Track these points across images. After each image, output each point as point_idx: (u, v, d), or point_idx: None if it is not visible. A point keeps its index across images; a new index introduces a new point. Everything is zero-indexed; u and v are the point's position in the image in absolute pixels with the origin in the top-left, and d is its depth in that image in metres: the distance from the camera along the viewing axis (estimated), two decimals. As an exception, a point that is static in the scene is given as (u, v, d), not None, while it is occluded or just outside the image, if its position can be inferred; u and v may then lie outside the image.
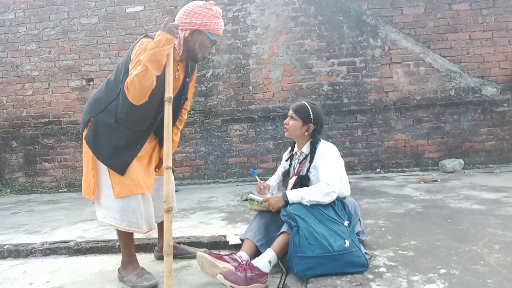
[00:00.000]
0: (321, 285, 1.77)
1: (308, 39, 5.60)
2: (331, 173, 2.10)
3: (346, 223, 2.03)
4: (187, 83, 2.20)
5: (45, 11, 6.04)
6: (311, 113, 2.24)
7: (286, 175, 2.39)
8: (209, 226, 3.16)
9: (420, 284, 1.79)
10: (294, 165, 2.35)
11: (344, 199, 2.21)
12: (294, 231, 1.95)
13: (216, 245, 2.57)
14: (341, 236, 1.93)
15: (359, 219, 2.28)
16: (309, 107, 2.26)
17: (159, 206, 2.16)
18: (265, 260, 1.93)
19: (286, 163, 2.44)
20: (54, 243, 2.76)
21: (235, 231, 2.80)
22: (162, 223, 2.06)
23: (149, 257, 2.49)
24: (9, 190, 6.00)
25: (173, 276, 1.85)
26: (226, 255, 2.00)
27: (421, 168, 5.39)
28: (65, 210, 4.35)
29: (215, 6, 2.01)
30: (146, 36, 1.99)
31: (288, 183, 2.33)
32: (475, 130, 5.39)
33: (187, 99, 2.28)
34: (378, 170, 5.47)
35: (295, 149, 2.38)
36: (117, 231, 2.11)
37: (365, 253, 2.01)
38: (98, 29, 5.96)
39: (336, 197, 2.08)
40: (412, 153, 5.49)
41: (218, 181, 5.68)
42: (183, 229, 3.12)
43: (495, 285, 1.73)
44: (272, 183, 2.47)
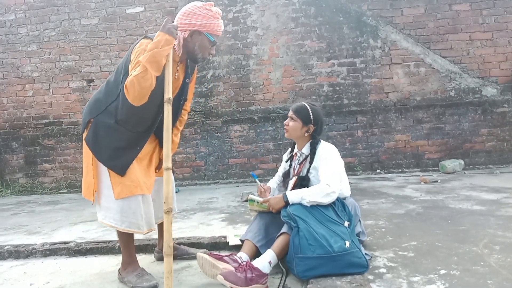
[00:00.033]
0: (321, 286, 1.77)
1: (308, 40, 5.61)
2: (331, 173, 2.10)
3: (346, 223, 2.03)
4: (187, 83, 2.21)
5: (45, 12, 6.05)
6: (311, 114, 2.25)
7: (286, 176, 2.39)
8: (209, 227, 3.16)
9: (420, 285, 1.79)
10: (294, 166, 2.35)
11: (344, 199, 2.21)
12: (294, 232, 1.95)
13: (216, 246, 2.57)
14: (341, 237, 1.93)
15: (359, 220, 2.28)
16: (309, 108, 2.26)
17: (159, 207, 2.16)
18: (265, 261, 1.93)
19: (286, 164, 2.44)
20: (54, 244, 2.76)
21: (235, 232, 2.80)
22: (162, 224, 2.06)
23: (149, 258, 2.50)
24: (9, 191, 6.01)
25: (173, 277, 1.86)
26: (226, 256, 2.00)
27: (421, 168, 5.39)
28: (65, 211, 4.36)
29: (214, 7, 2.01)
30: (145, 37, 1.99)
31: (288, 183, 2.33)
32: (475, 131, 5.39)
33: (186, 99, 2.28)
34: (378, 170, 5.47)
35: (295, 150, 2.38)
36: (117, 232, 2.11)
37: (365, 254, 2.01)
38: (99, 30, 5.96)
39: (336, 197, 2.09)
40: (412, 153, 5.49)
41: (218, 182, 5.68)
42: (183, 230, 3.12)
43: (495, 286, 1.73)
44: (273, 185, 2.47)
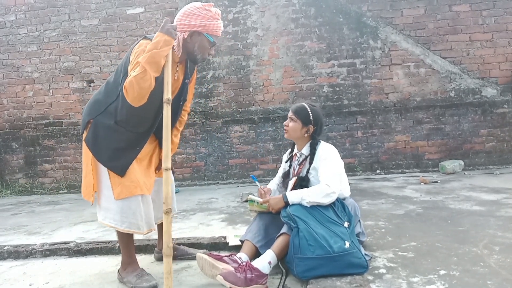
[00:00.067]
0: (321, 286, 1.77)
1: (308, 40, 5.61)
2: (331, 174, 2.10)
3: (346, 224, 2.03)
4: (187, 84, 2.21)
5: (46, 13, 6.05)
6: (310, 115, 2.25)
7: (286, 176, 2.39)
8: (209, 227, 3.16)
9: (420, 285, 1.79)
10: (294, 167, 2.35)
11: (344, 200, 2.22)
12: (294, 232, 1.95)
13: (216, 246, 2.57)
14: (341, 237, 1.93)
15: (359, 220, 2.28)
16: (308, 109, 2.26)
17: (159, 208, 2.16)
18: (265, 261, 1.93)
19: (286, 165, 2.44)
20: (54, 244, 2.76)
21: (235, 232, 2.80)
22: (162, 224, 2.06)
23: (149, 258, 2.50)
24: (9, 191, 6.00)
25: (173, 277, 1.86)
26: (226, 256, 2.00)
27: (421, 169, 5.39)
28: (65, 211, 4.36)
29: (214, 7, 2.01)
30: (145, 37, 1.99)
31: (288, 184, 2.33)
32: (475, 132, 5.39)
33: (186, 100, 2.28)
34: (378, 171, 5.47)
35: (295, 150, 2.39)
36: (117, 232, 2.11)
37: (365, 254, 2.01)
38: (99, 30, 5.97)
39: (336, 198, 2.09)
40: (412, 154, 5.49)
41: (218, 182, 5.68)
42: (183, 230, 3.12)
43: (495, 287, 1.73)
44: (273, 187, 2.46)
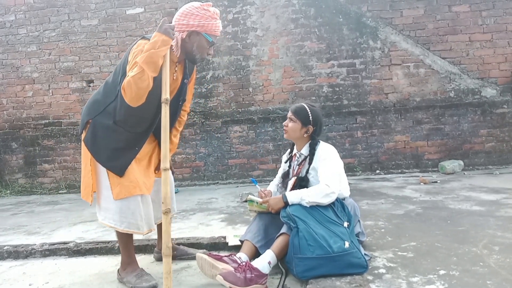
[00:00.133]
0: (321, 286, 1.77)
1: (308, 40, 5.61)
2: (330, 174, 2.10)
3: (345, 224, 2.03)
4: (185, 84, 2.20)
5: (45, 13, 6.05)
6: (310, 115, 2.25)
7: (286, 177, 2.39)
8: (209, 227, 3.16)
9: (419, 285, 1.79)
10: (293, 167, 2.35)
11: (344, 200, 2.21)
12: (293, 232, 1.95)
13: (216, 246, 2.57)
14: (340, 237, 1.93)
15: (359, 220, 2.28)
16: (308, 109, 2.26)
17: (159, 208, 2.15)
18: (265, 261, 1.93)
19: (285, 165, 2.44)
20: (53, 244, 2.76)
21: (234, 232, 2.80)
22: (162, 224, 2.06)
23: (149, 258, 2.50)
24: (9, 191, 6.00)
25: (173, 277, 1.86)
26: (225, 256, 2.00)
27: (421, 169, 5.39)
28: (64, 211, 4.35)
29: (212, 7, 2.01)
30: (143, 37, 1.99)
31: (288, 184, 2.33)
32: (474, 132, 5.40)
33: (185, 100, 2.27)
34: (378, 171, 5.47)
35: (294, 150, 2.38)
36: (116, 232, 2.11)
37: (365, 254, 2.01)
38: (99, 31, 5.97)
39: (335, 198, 2.09)
40: (411, 154, 5.50)
41: (218, 182, 5.68)
42: (182, 230, 3.12)
43: (494, 286, 1.73)
44: (273, 188, 2.46)
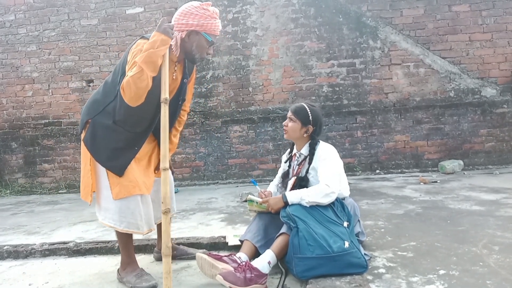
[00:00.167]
0: (320, 286, 1.77)
1: (308, 40, 5.61)
2: (330, 174, 2.10)
3: (345, 224, 2.03)
4: (185, 84, 2.20)
5: (45, 13, 6.05)
6: (310, 115, 2.25)
7: (285, 176, 2.38)
8: (209, 227, 3.16)
9: (419, 285, 1.79)
10: (293, 167, 2.35)
11: (344, 200, 2.21)
12: (293, 232, 1.95)
13: (216, 246, 2.57)
14: (340, 237, 1.93)
15: (359, 220, 2.28)
16: (308, 109, 2.26)
17: (158, 208, 2.15)
18: (265, 261, 1.93)
19: (285, 165, 2.44)
20: (53, 244, 2.76)
21: (234, 232, 2.80)
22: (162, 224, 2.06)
23: (149, 258, 2.50)
24: (8, 191, 6.00)
25: (173, 277, 1.86)
26: (225, 256, 2.00)
27: (421, 169, 5.39)
28: (64, 211, 4.35)
29: (212, 6, 2.00)
30: (142, 37, 1.99)
31: (287, 184, 2.33)
32: (474, 131, 5.39)
33: (185, 100, 2.27)
34: (377, 171, 5.47)
35: (294, 150, 2.38)
36: (116, 232, 2.11)
37: (365, 254, 2.01)
38: (98, 30, 5.96)
39: (335, 198, 2.09)
40: (411, 154, 5.50)
41: (217, 182, 5.68)
42: (182, 230, 3.12)
43: (494, 286, 1.73)
44: (273, 189, 2.46)
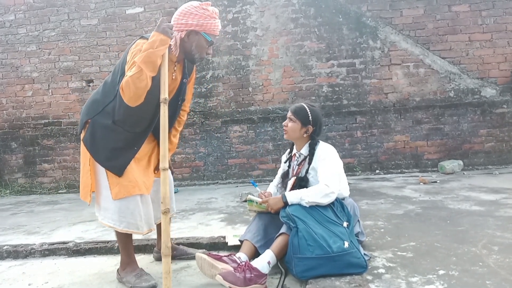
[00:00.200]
0: (320, 286, 1.77)
1: (308, 40, 5.61)
2: (330, 174, 2.10)
3: (345, 224, 2.03)
4: (185, 84, 2.20)
5: (45, 13, 6.05)
6: (309, 115, 2.25)
7: (285, 177, 2.38)
8: (208, 227, 3.16)
9: (419, 285, 1.79)
10: (293, 167, 2.35)
11: (343, 200, 2.21)
12: (293, 232, 1.95)
13: (215, 246, 2.57)
14: (340, 237, 1.93)
15: (358, 220, 2.28)
16: (307, 109, 2.26)
17: (158, 208, 2.15)
18: (264, 261, 1.93)
19: (285, 165, 2.44)
20: (53, 244, 2.76)
21: (234, 232, 2.80)
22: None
23: (148, 258, 2.50)
24: (8, 191, 6.00)
25: (172, 277, 1.86)
26: (225, 256, 2.00)
27: (421, 169, 5.39)
28: (64, 211, 4.35)
29: (211, 6, 2.00)
30: (141, 37, 1.98)
31: (287, 184, 2.33)
32: (474, 132, 5.40)
33: (185, 100, 2.27)
34: (377, 171, 5.47)
35: (294, 150, 2.38)
36: (116, 232, 2.11)
37: (364, 254, 2.01)
38: (98, 30, 5.96)
39: (335, 198, 2.09)
40: (411, 154, 5.50)
41: (217, 182, 5.68)
42: (182, 230, 3.12)
43: (494, 286, 1.73)
44: (273, 190, 2.46)
